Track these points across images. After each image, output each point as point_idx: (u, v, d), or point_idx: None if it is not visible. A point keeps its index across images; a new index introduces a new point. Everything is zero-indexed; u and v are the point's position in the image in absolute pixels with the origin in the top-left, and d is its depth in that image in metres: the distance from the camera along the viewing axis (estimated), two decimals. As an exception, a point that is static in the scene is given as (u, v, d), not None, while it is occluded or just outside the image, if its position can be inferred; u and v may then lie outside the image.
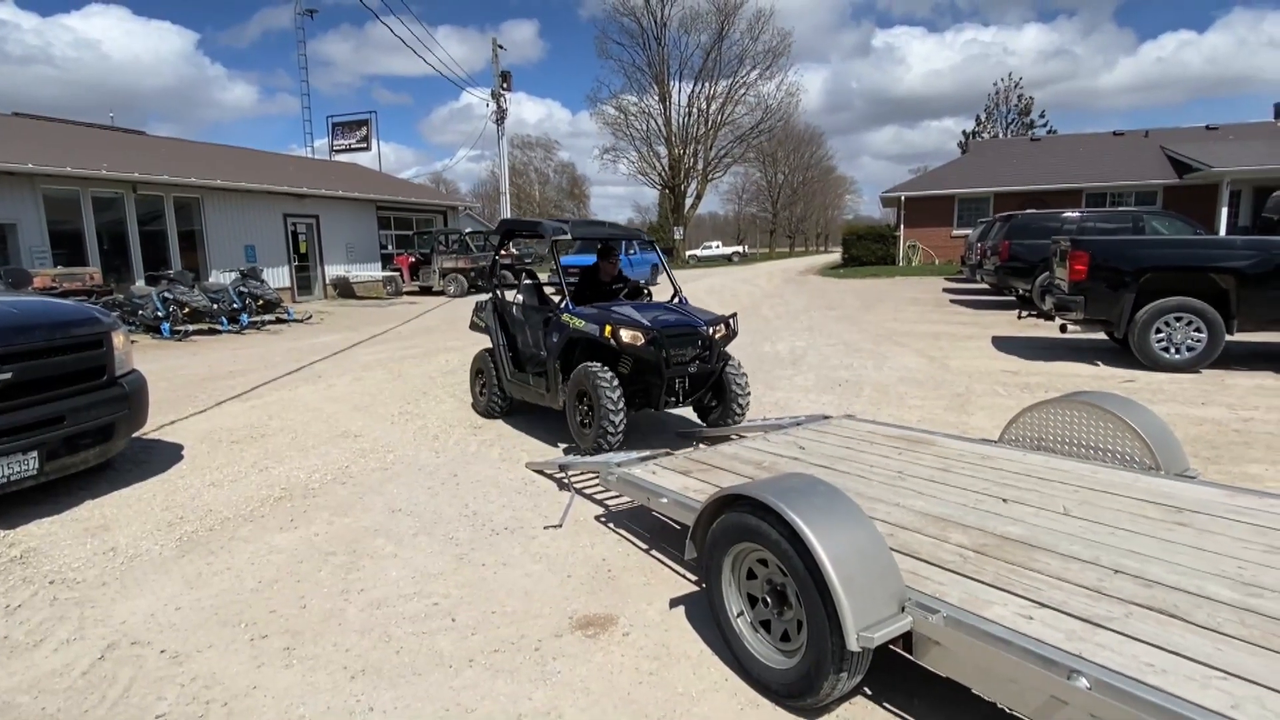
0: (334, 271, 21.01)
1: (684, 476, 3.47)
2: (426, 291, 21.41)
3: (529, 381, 5.53)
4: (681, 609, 2.97)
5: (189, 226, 17.19)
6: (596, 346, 4.94)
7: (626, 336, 4.64)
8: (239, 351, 10.71)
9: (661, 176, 44.52)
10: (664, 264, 6.55)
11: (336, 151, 31.24)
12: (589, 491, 4.34)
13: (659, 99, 43.14)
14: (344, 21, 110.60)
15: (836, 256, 37.53)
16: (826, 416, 4.77)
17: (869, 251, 27.77)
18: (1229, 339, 7.31)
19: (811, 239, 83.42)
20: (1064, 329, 8.46)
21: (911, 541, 2.57)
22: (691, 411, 5.57)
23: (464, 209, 31.53)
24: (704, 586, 2.71)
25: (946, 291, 17.64)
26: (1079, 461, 3.49)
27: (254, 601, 3.13)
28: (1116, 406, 3.50)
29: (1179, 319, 7.34)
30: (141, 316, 12.16)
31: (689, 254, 41.44)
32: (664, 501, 3.19)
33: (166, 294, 12.42)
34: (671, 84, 43.03)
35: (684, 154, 43.62)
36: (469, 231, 24.02)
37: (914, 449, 3.81)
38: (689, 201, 44.96)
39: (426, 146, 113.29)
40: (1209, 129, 26.88)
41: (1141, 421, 3.41)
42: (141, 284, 14.32)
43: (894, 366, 8.07)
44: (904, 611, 2.08)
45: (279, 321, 14.31)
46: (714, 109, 43.33)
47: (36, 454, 3.98)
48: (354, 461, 5.11)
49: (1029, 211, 14.32)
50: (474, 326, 6.39)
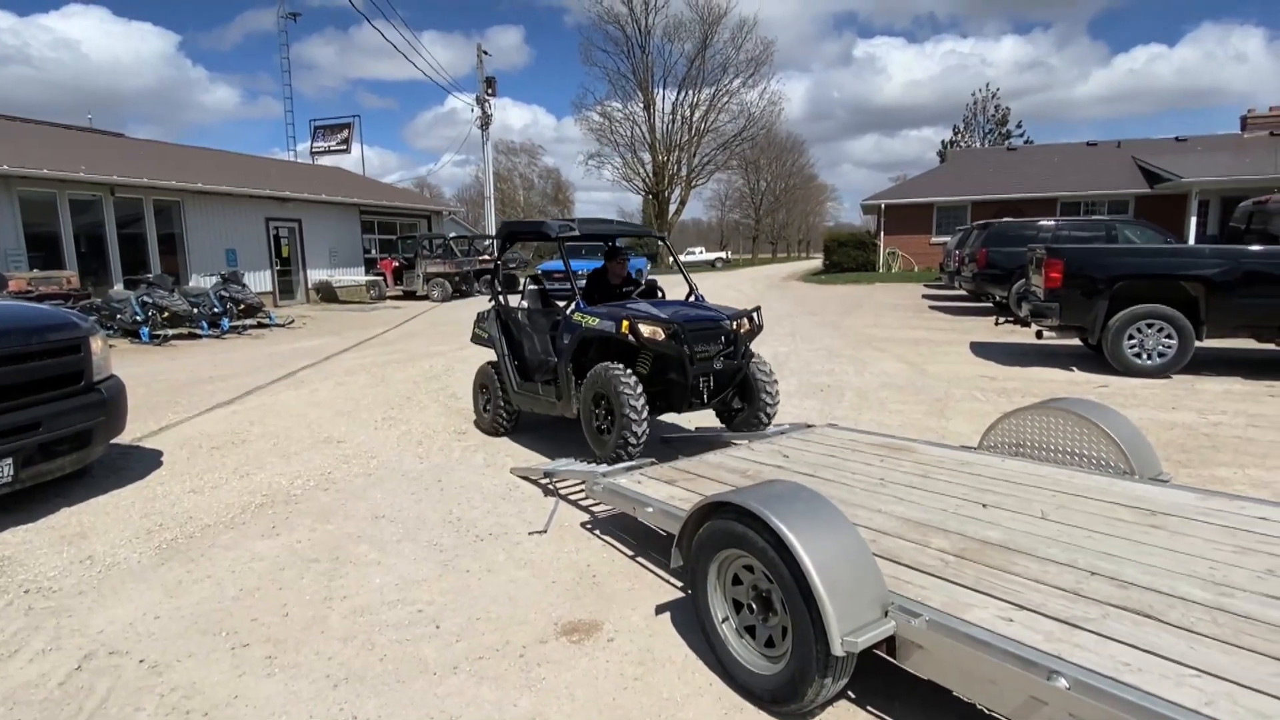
0: (316, 276, 20.81)
1: (669, 486, 3.47)
2: (410, 296, 21.27)
3: (538, 391, 5.15)
4: (667, 615, 2.97)
5: (169, 230, 16.95)
6: (611, 347, 4.66)
7: (646, 331, 4.30)
8: (220, 356, 10.57)
9: (645, 182, 44.63)
10: (678, 263, 6.33)
11: (317, 154, 30.96)
12: (574, 497, 4.33)
13: (643, 106, 43.27)
14: (328, 25, 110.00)
15: (818, 263, 37.81)
16: (809, 425, 4.80)
17: (850, 258, 28.00)
18: (1198, 345, 7.46)
19: (794, 245, 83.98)
20: (1040, 335, 8.59)
21: (894, 547, 2.59)
22: (710, 416, 5.27)
23: (448, 214, 31.36)
24: (689, 592, 2.71)
25: (926, 298, 17.83)
26: (1056, 467, 3.54)
27: (235, 610, 3.08)
28: (1091, 413, 3.56)
29: (1150, 325, 7.48)
30: (120, 321, 11.96)
31: (670, 260, 41.58)
32: (650, 511, 3.19)
33: (146, 298, 12.23)
34: (656, 91, 43.20)
35: (668, 160, 43.76)
36: (453, 236, 23.89)
37: (895, 456, 3.84)
38: (673, 208, 45.11)
39: (411, 151, 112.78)
40: (1178, 140, 27.44)
41: (1115, 427, 3.46)
42: (120, 288, 14.08)
43: (875, 372, 8.14)
44: (887, 616, 2.09)
45: (261, 326, 14.14)
46: (697, 116, 43.55)
47: (11, 461, 3.90)
48: (337, 467, 5.06)
49: (1006, 220, 14.52)
50: (476, 339, 5.92)
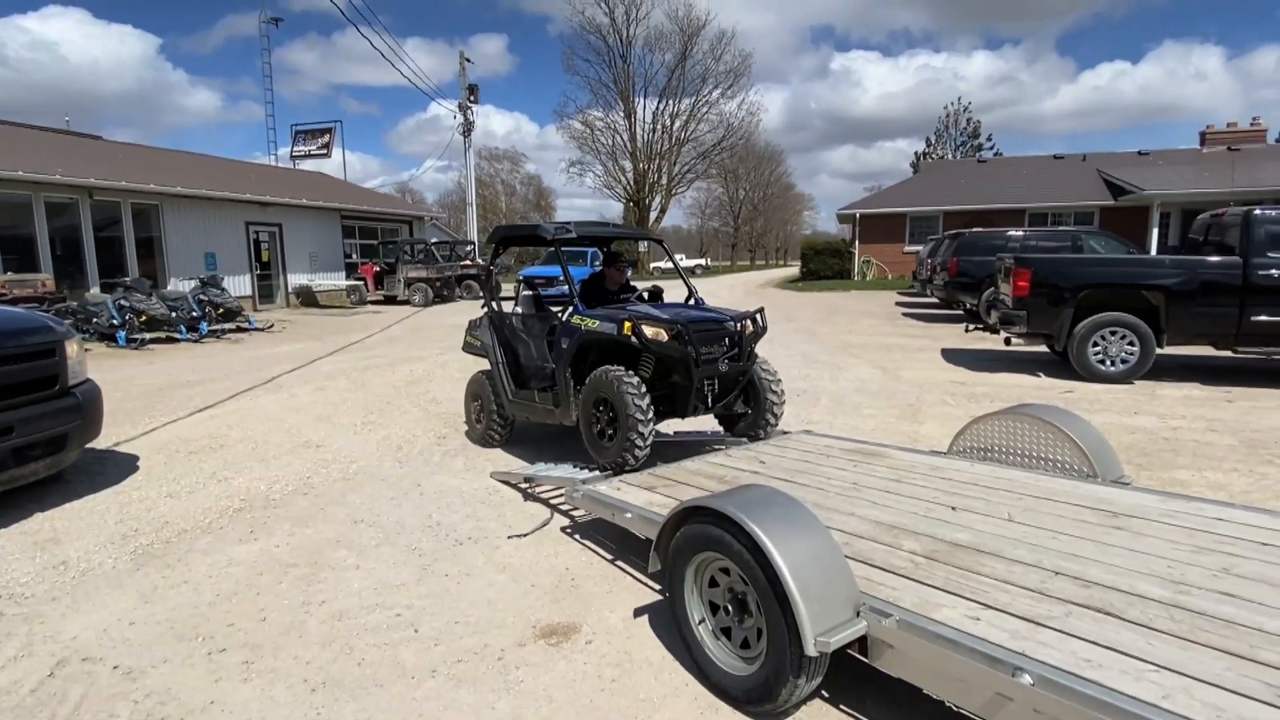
0: (297, 280, 20.55)
1: (648, 492, 3.48)
2: (391, 301, 21.09)
3: (534, 399, 4.94)
4: (645, 617, 2.97)
5: (147, 233, 16.65)
6: (612, 351, 4.46)
7: (650, 332, 4.10)
8: (198, 361, 10.39)
9: (627, 190, 44.72)
10: (676, 266, 6.13)
11: (298, 158, 30.61)
12: (554, 502, 4.32)
13: (624, 115, 43.39)
14: (311, 30, 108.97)
15: (795, 270, 38.09)
16: (785, 432, 4.83)
17: (826, 266, 28.27)
18: (1159, 352, 7.64)
19: (771, 253, 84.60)
20: (1008, 342, 8.74)
21: (866, 549, 2.62)
22: (713, 421, 5.06)
23: (430, 219, 31.16)
24: (667, 595, 2.72)
25: (899, 305, 18.04)
26: (1022, 470, 3.60)
27: (212, 615, 3.03)
28: (1056, 418, 3.63)
29: (1114, 333, 7.64)
30: (96, 324, 11.71)
31: (653, 266, 41.64)
32: (629, 517, 3.19)
33: (123, 301, 11.99)
34: (636, 100, 43.34)
35: (648, 169, 43.89)
36: (435, 242, 23.74)
37: (868, 461, 3.88)
38: (653, 215, 45.22)
39: (393, 156, 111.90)
40: (1141, 154, 28.10)
41: (1079, 432, 3.54)
42: (96, 291, 13.81)
43: (849, 377, 8.22)
44: (859, 616, 2.12)
45: (240, 330, 13.93)
46: (678, 126, 43.76)
47: (-17, 466, 3.80)
48: (316, 472, 4.99)
49: (976, 230, 14.77)
50: (468, 348, 5.69)
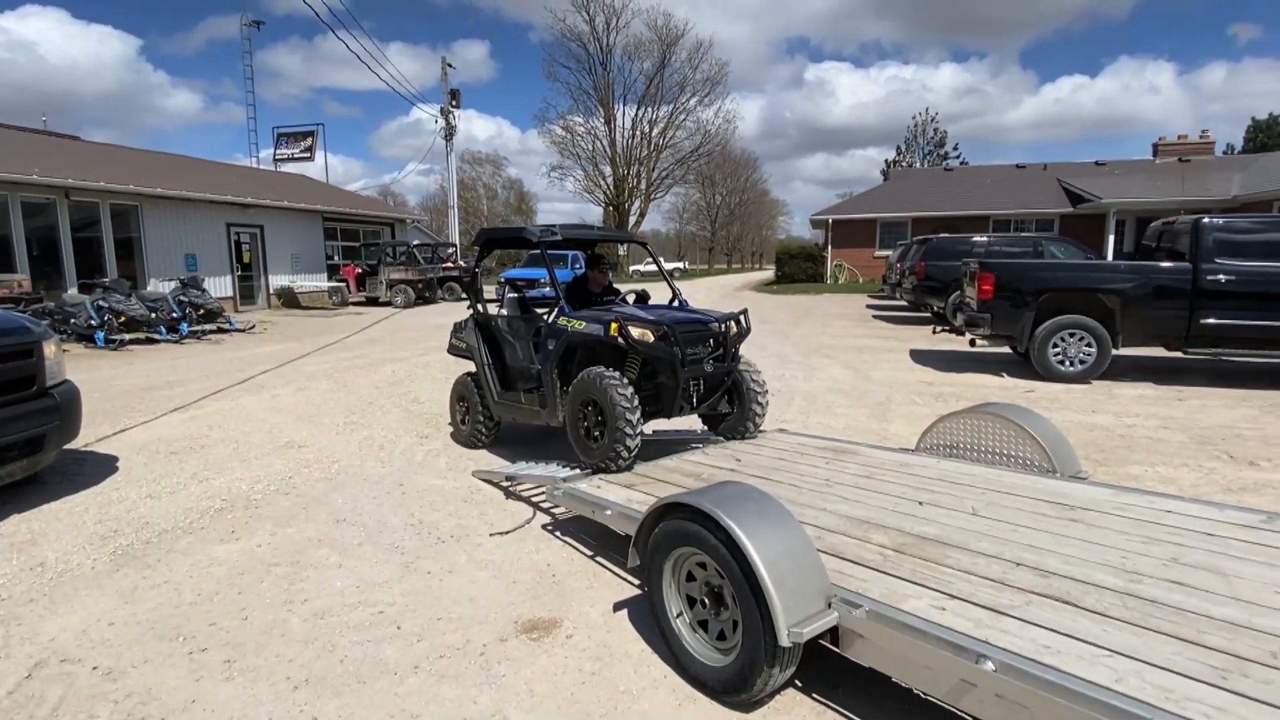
0: (278, 281, 20.23)
1: (627, 489, 3.49)
2: (373, 302, 20.85)
3: (520, 400, 4.89)
4: (624, 611, 2.98)
5: (126, 234, 16.27)
6: (598, 352, 4.38)
7: (636, 333, 4.05)
8: (178, 361, 10.19)
9: (606, 195, 44.69)
10: (661, 269, 6.01)
11: (280, 161, 30.15)
12: (536, 500, 4.31)
13: (604, 121, 43.36)
14: (293, 34, 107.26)
15: (770, 274, 38.33)
16: (762, 431, 4.86)
17: (800, 269, 28.50)
18: (1115, 353, 7.82)
19: (747, 257, 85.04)
20: (973, 343, 8.89)
21: (838, 543, 2.66)
22: (696, 420, 4.97)
23: (412, 221, 30.84)
24: (646, 589, 2.73)
25: (870, 308, 18.25)
26: (986, 466, 3.67)
27: (193, 615, 2.98)
28: (1018, 416, 3.71)
29: (1072, 335, 7.82)
30: (74, 325, 11.43)
31: (632, 269, 41.66)
32: (609, 514, 3.20)
33: (101, 302, 11.71)
34: (616, 107, 43.35)
35: (628, 174, 43.92)
36: (417, 244, 23.53)
37: (840, 458, 3.93)
38: (632, 219, 45.24)
39: (375, 159, 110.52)
40: (1098, 164, 28.72)
41: (1039, 430, 3.61)
42: (74, 292, 13.47)
43: (822, 377, 8.30)
44: (830, 608, 2.15)
45: (221, 331, 13.68)
46: (656, 132, 43.85)
47: (-42, 467, 3.70)
48: (298, 472, 4.93)
49: (943, 235, 14.99)
50: (454, 350, 5.59)
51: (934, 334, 10.59)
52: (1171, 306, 7.49)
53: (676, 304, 5.03)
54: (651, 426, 5.43)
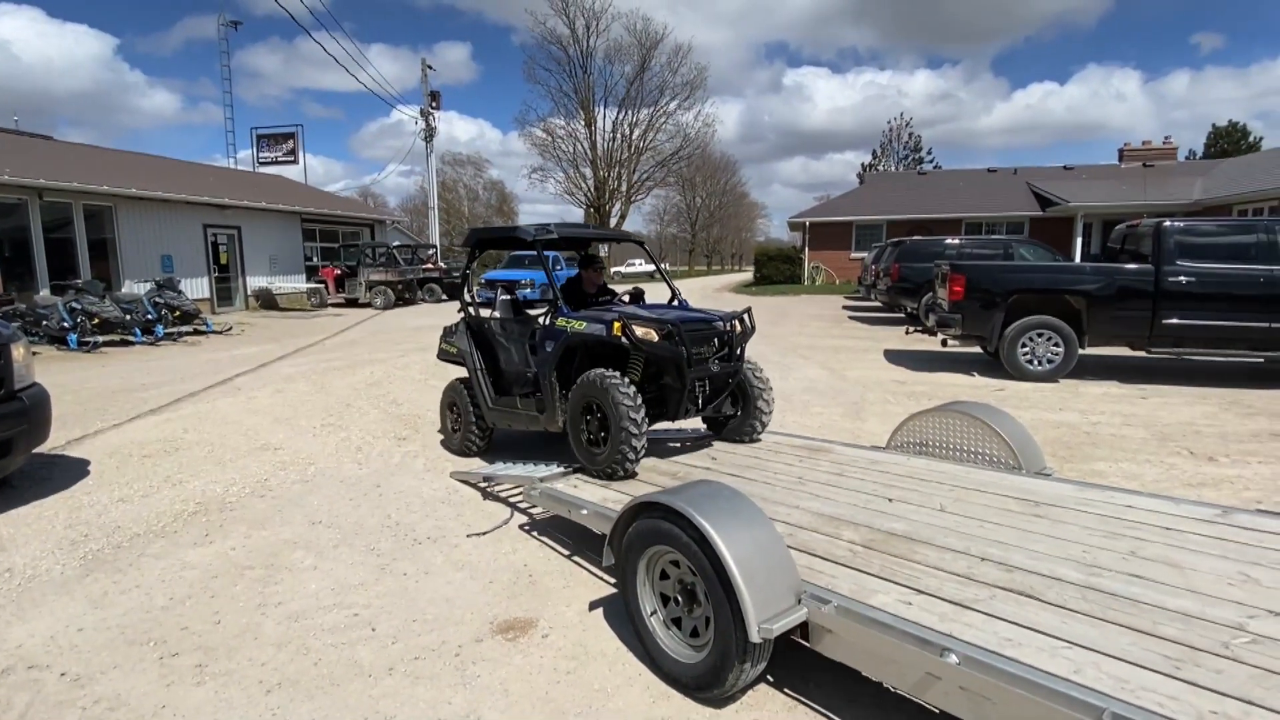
0: (256, 283, 19.92)
1: (603, 489, 3.49)
2: (352, 304, 20.62)
3: (516, 405, 4.64)
4: (600, 610, 2.97)
5: (100, 235, 15.91)
6: (598, 353, 4.18)
7: (640, 332, 3.84)
8: (153, 364, 9.99)
9: (587, 197, 44.58)
10: (659, 268, 5.80)
11: (263, 164, 29.71)
12: (513, 500, 4.29)
13: (585, 124, 43.22)
14: (273, 34, 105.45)
15: (749, 275, 38.51)
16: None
17: (778, 271, 28.66)
18: (1082, 353, 7.97)
19: (727, 259, 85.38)
20: (945, 343, 9.01)
21: (808, 540, 2.67)
22: (699, 422, 4.74)
23: (392, 223, 30.55)
24: (621, 588, 2.73)
25: (846, 309, 18.41)
26: (954, 464, 3.72)
27: (164, 619, 2.92)
28: (985, 414, 3.76)
29: (1041, 335, 7.95)
30: (46, 327, 11.16)
31: (614, 270, 41.67)
32: (584, 513, 3.20)
33: (74, 304, 11.44)
34: (597, 110, 43.19)
35: (609, 176, 43.84)
36: (397, 245, 23.30)
37: (813, 457, 3.96)
38: (613, 221, 45.20)
39: (356, 160, 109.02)
40: (1066, 169, 29.23)
41: (1006, 427, 3.67)
42: (46, 293, 13.14)
43: (799, 377, 8.35)
44: (800, 603, 2.16)
45: (197, 333, 13.43)
46: (637, 135, 43.77)
47: (-79, 472, 3.59)
48: (273, 474, 4.85)
49: (916, 238, 15.17)
50: (444, 355, 5.37)
51: (907, 334, 10.71)
52: (1135, 307, 7.65)
53: (676, 303, 4.83)
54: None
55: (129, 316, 11.94)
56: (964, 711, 1.84)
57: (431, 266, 23.54)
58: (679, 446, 4.39)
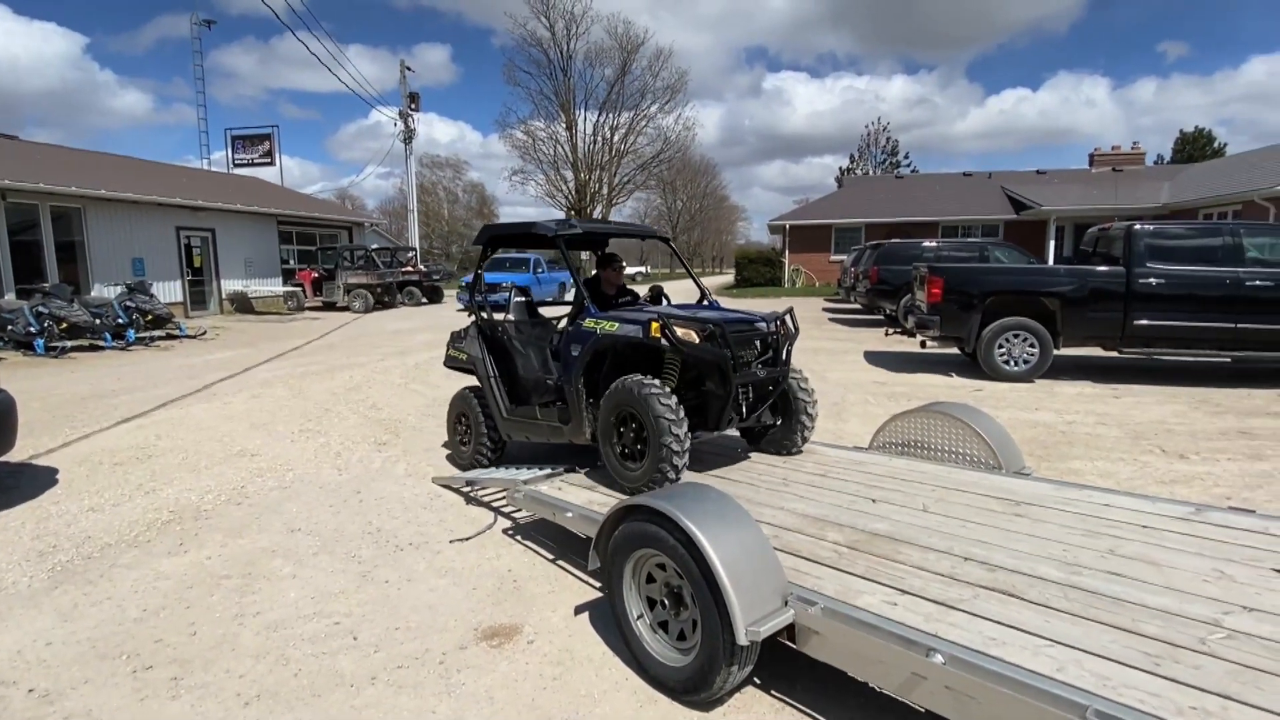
0: (231, 286, 19.58)
1: (589, 491, 3.47)
2: (330, 308, 20.34)
3: (535, 415, 4.24)
4: (585, 615, 2.95)
5: (69, 237, 15.53)
6: (628, 357, 3.83)
7: (680, 333, 3.48)
8: (124, 369, 9.77)
9: (568, 199, 44.47)
10: (685, 264, 5.41)
11: (238, 166, 29.23)
12: (497, 505, 4.25)
13: (565, 126, 43.14)
14: (248, 34, 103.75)
15: (730, 278, 38.67)
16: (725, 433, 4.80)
17: (759, 274, 28.83)
18: (1056, 353, 8.11)
19: (708, 261, 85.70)
20: (924, 345, 9.11)
21: (794, 541, 2.68)
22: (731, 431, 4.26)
23: (370, 225, 30.23)
24: (607, 592, 2.71)
25: (826, 311, 18.55)
26: (936, 464, 3.76)
27: (137, 631, 2.85)
28: (965, 415, 3.80)
29: (1016, 336, 8.07)
30: (11, 332, 10.86)
31: (594, 272, 41.65)
32: (569, 516, 3.18)
33: (41, 308, 11.14)
34: (577, 113, 43.08)
35: (589, 179, 43.78)
36: (376, 247, 23.05)
37: (797, 458, 3.97)
38: (593, 224, 45.08)
39: (334, 162, 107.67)
40: (1039, 173, 29.76)
41: (986, 428, 3.71)
42: (12, 297, 12.80)
43: (780, 379, 8.38)
44: (787, 605, 2.16)
45: (170, 338, 13.17)
46: (617, 138, 43.75)
47: (-120, 483, 3.47)
48: (250, 481, 4.76)
49: (894, 241, 15.33)
50: (451, 361, 4.93)
51: (886, 336, 10.81)
52: (1107, 308, 7.80)
53: (706, 304, 4.44)
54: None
55: (99, 321, 11.66)
56: (950, 711, 1.85)
57: (411, 269, 23.34)
58: None
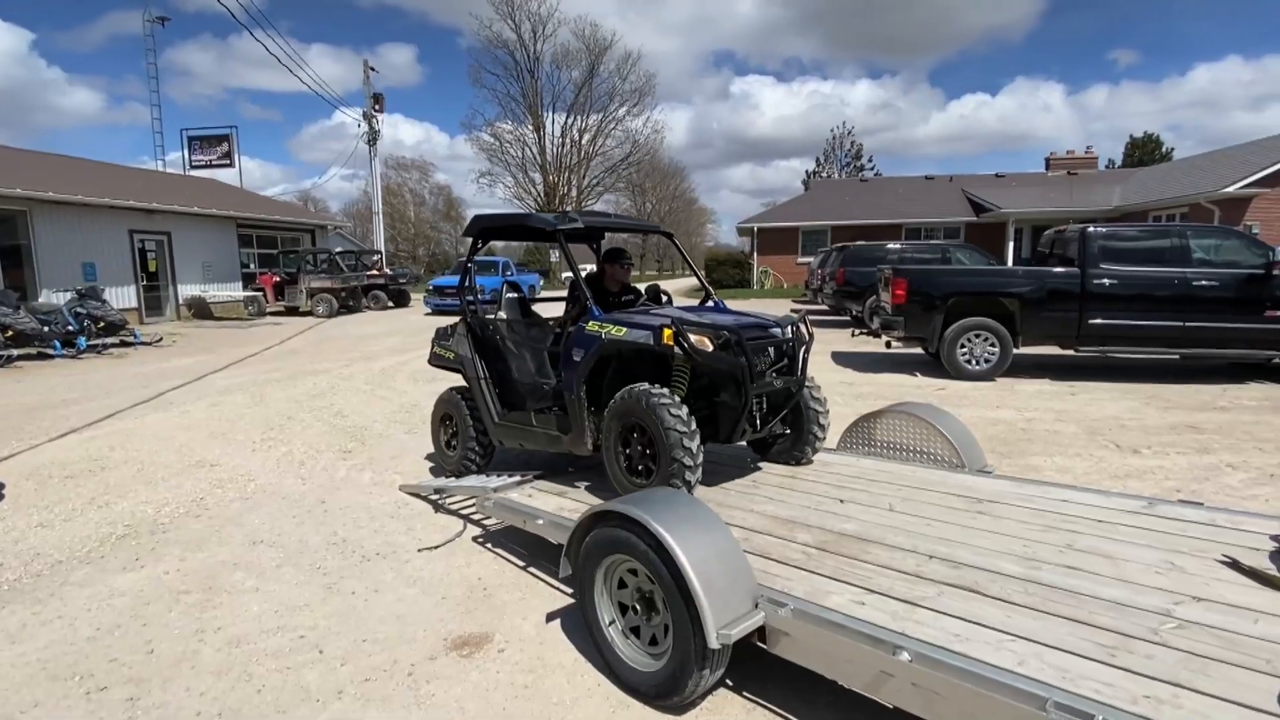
0: (189, 291, 19.04)
1: (559, 498, 3.46)
2: (293, 312, 19.90)
3: (530, 423, 4.00)
4: (557, 622, 2.94)
5: (14, 241, 14.95)
6: (633, 364, 3.62)
7: (694, 339, 3.25)
8: (75, 378, 9.43)
9: (538, 201, 44.29)
10: (691, 266, 5.09)
11: (195, 167, 28.43)
12: (466, 512, 4.21)
13: (533, 128, 42.98)
14: (204, 31, 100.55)
15: (697, 281, 38.87)
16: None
17: (728, 276, 29.04)
18: (1016, 352, 8.33)
19: (678, 263, 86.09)
20: (889, 345, 9.29)
21: (763, 543, 2.70)
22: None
23: (334, 228, 29.67)
24: (578, 599, 2.70)
25: (794, 312, 18.73)
26: (901, 464, 3.83)
27: (91, 651, 2.75)
28: (929, 415, 3.89)
29: (978, 335, 8.27)
30: (-48, 341, 10.40)
31: (564, 275, 41.48)
32: (540, 523, 3.16)
33: (-16, 315, 10.70)
34: (545, 115, 43.00)
35: (558, 181, 43.66)
36: (339, 251, 22.63)
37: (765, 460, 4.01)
38: (562, 226, 44.90)
39: (296, 164, 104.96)
40: (998, 176, 30.54)
41: (949, 427, 3.80)
42: (-48, 304, 12.25)
43: (750, 381, 8.45)
44: (757, 608, 2.18)
45: (124, 345, 12.74)
46: (586, 140, 43.80)
47: None
48: (210, 492, 4.64)
49: (860, 243, 15.58)
50: (437, 360, 4.67)
51: (853, 336, 10.98)
52: (1064, 308, 8.04)
53: (712, 305, 4.22)
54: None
55: (47, 328, 11.24)
56: (916, 707, 1.88)
57: (377, 273, 22.97)
58: None
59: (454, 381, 4.62)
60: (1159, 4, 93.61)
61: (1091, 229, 8.16)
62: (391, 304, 22.51)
